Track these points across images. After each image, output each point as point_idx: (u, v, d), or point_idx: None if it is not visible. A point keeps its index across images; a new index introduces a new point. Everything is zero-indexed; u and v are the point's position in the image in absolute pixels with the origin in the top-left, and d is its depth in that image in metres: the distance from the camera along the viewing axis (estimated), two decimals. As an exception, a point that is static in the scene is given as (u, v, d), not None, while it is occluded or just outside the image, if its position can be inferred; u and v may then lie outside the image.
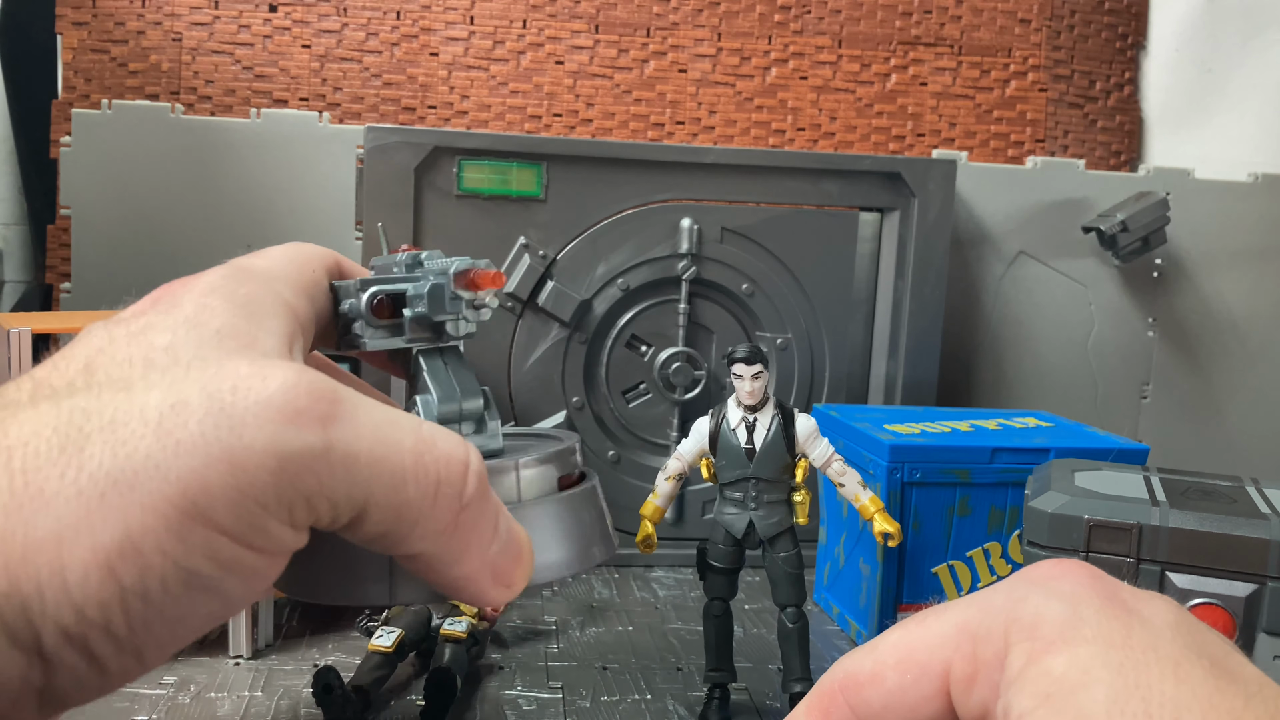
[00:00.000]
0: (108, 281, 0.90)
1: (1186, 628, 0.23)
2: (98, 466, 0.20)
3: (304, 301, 0.28)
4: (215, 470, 0.20)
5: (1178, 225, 0.97)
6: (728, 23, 1.10)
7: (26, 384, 0.23)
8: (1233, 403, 1.05)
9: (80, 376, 0.23)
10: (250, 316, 0.25)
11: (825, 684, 0.26)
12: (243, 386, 0.21)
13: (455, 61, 1.06)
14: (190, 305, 0.25)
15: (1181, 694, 0.21)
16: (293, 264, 0.29)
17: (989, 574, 0.68)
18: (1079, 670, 0.21)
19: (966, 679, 0.23)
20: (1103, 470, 0.56)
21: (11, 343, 0.59)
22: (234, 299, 0.25)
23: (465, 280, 0.29)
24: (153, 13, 1.02)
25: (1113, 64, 1.17)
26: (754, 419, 0.56)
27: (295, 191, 0.93)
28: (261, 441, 0.21)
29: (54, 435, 0.20)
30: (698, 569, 0.59)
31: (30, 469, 0.20)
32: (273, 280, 0.27)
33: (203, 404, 0.21)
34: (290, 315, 0.27)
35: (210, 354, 0.23)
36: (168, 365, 0.22)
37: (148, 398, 0.21)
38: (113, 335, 0.24)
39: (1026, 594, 0.24)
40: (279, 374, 0.22)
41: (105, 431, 0.20)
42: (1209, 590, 0.48)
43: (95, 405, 0.21)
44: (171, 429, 0.21)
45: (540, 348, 0.84)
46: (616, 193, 0.83)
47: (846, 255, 0.88)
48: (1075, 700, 0.21)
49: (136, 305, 0.26)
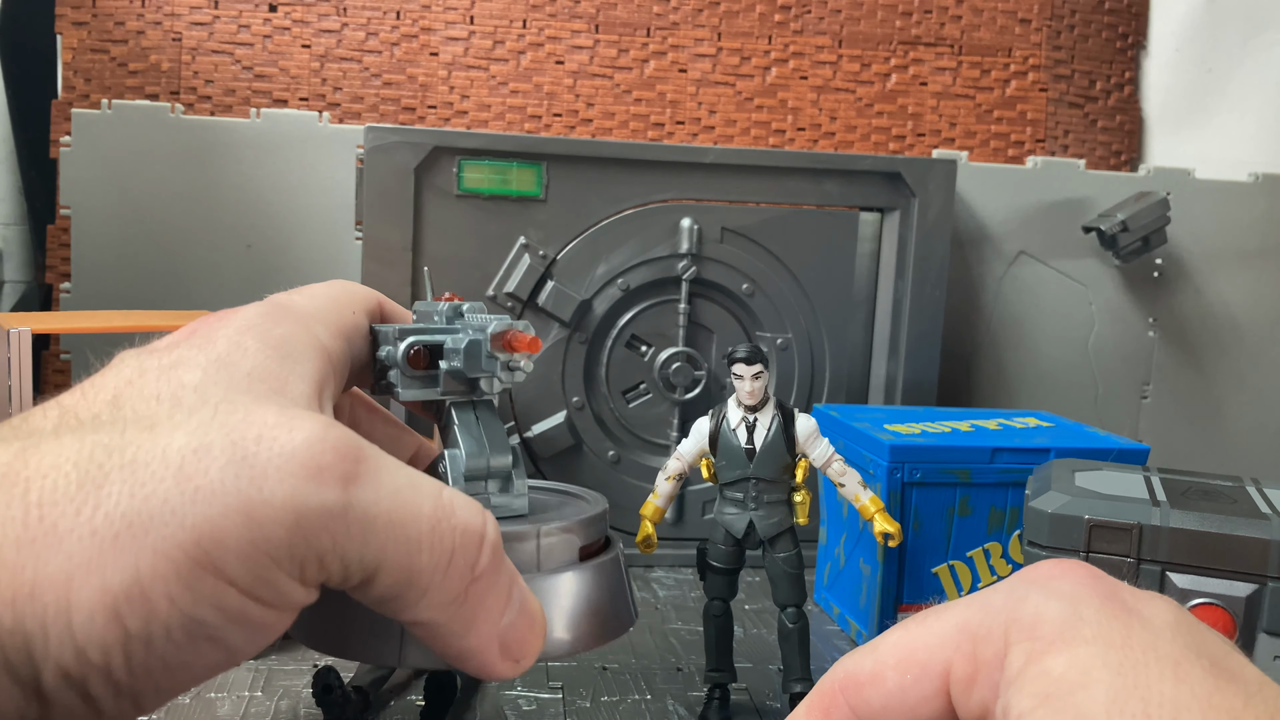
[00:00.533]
0: (108, 281, 0.90)
1: (1186, 628, 0.23)
2: (114, 506, 0.20)
3: (340, 343, 0.28)
4: (231, 521, 0.20)
5: (1178, 225, 0.97)
6: (728, 23, 1.10)
7: (53, 411, 0.23)
8: (1233, 403, 1.05)
9: (107, 409, 0.23)
10: (283, 359, 0.25)
11: (826, 684, 0.26)
12: (268, 436, 0.21)
13: (455, 61, 1.06)
14: (223, 343, 0.24)
15: (1181, 694, 0.21)
16: (332, 304, 0.29)
17: (989, 574, 0.68)
18: (1078, 670, 0.21)
19: (967, 679, 0.24)
20: (1103, 470, 0.56)
21: (11, 343, 0.59)
22: (268, 339, 0.25)
23: (502, 341, 0.29)
24: (152, 12, 1.02)
25: (1113, 64, 1.17)
26: (754, 419, 0.56)
27: (295, 191, 0.93)
28: (280, 496, 0.21)
29: (73, 470, 0.20)
30: (698, 569, 0.59)
31: (46, 503, 0.20)
32: (310, 320, 0.27)
33: (225, 451, 0.21)
34: (324, 359, 0.26)
35: (239, 397, 0.23)
36: (195, 406, 0.22)
37: (171, 439, 0.21)
38: (143, 367, 0.24)
39: (1026, 594, 0.24)
40: (305, 426, 0.22)
41: (125, 470, 0.20)
42: (1209, 590, 0.48)
43: (118, 442, 0.21)
44: (192, 474, 0.20)
45: (540, 348, 0.83)
46: (616, 193, 0.83)
47: (846, 255, 0.88)
48: (1074, 700, 0.21)
49: (172, 336, 0.26)
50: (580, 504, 0.32)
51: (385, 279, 0.80)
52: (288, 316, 0.27)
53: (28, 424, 0.23)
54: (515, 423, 0.84)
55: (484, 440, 0.29)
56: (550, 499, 0.33)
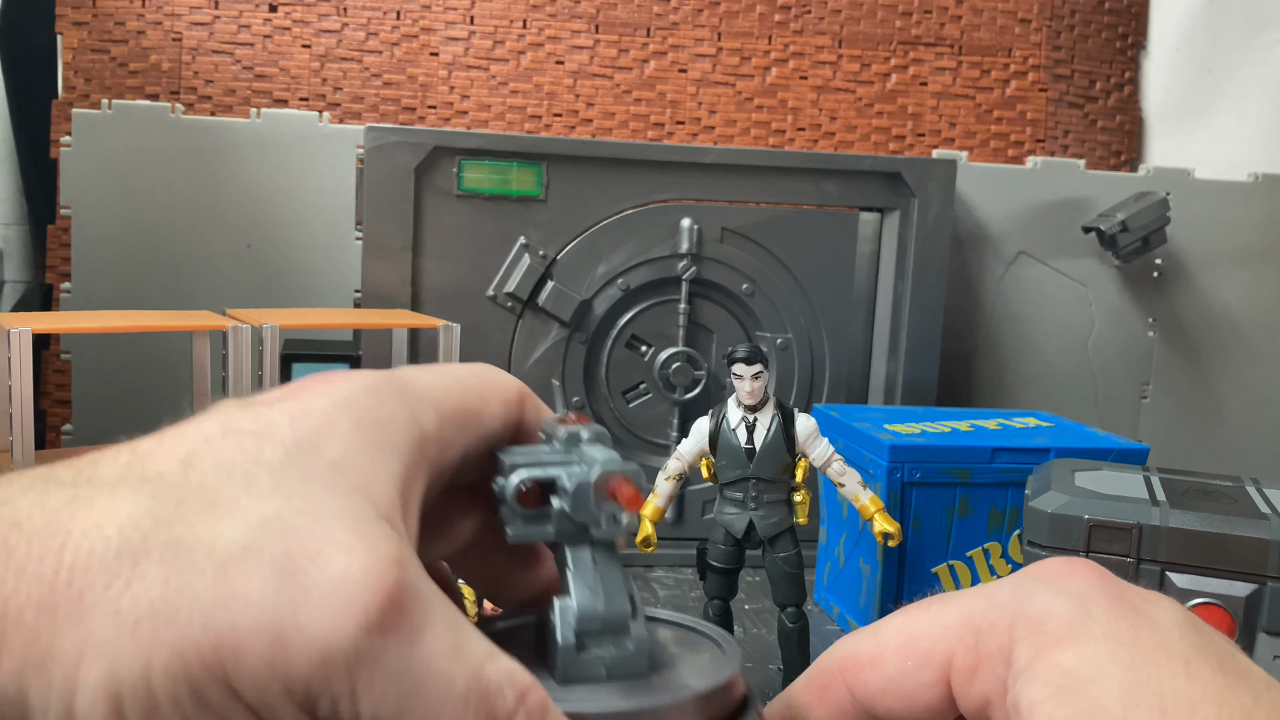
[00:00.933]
0: (108, 281, 0.90)
1: (1192, 628, 0.23)
2: (144, 589, 0.19)
3: (451, 432, 0.26)
4: (256, 638, 0.19)
5: (1178, 225, 0.97)
6: (728, 23, 1.10)
7: (124, 457, 0.22)
8: (1233, 403, 1.05)
9: (176, 468, 0.21)
10: (376, 448, 0.23)
11: (825, 662, 0.26)
12: (325, 556, 0.20)
13: (455, 61, 1.06)
14: (317, 417, 0.23)
15: (1193, 690, 0.21)
16: (458, 386, 0.27)
17: (989, 574, 0.68)
18: (1089, 665, 0.21)
19: (968, 670, 0.24)
20: (1103, 470, 0.56)
21: (12, 343, 0.59)
22: (364, 422, 0.23)
23: (605, 489, 0.26)
24: (153, 13, 1.02)
25: (1113, 64, 1.17)
26: (754, 419, 0.56)
27: (295, 191, 0.93)
28: (314, 628, 0.19)
29: (116, 536, 0.19)
30: (698, 569, 0.59)
31: (79, 567, 0.19)
32: (422, 403, 0.25)
33: (275, 561, 0.20)
34: (421, 453, 0.24)
35: (314, 494, 0.21)
36: (265, 493, 0.21)
37: (225, 529, 0.20)
38: (228, 426, 0.22)
39: (1033, 590, 0.24)
40: (367, 556, 0.20)
41: (167, 550, 0.19)
42: (1209, 590, 0.48)
43: (170, 514, 0.20)
44: (232, 576, 0.19)
45: (540, 348, 0.84)
46: (616, 193, 0.83)
47: (846, 255, 0.88)
48: (1089, 693, 0.21)
49: (274, 392, 0.24)
50: (709, 654, 0.28)
51: (385, 279, 0.80)
52: (397, 395, 0.24)
53: (95, 468, 0.22)
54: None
55: (599, 588, 0.27)
56: (673, 642, 0.29)
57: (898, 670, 0.25)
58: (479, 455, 0.27)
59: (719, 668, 0.27)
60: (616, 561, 0.27)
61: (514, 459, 0.27)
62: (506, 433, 0.28)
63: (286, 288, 0.93)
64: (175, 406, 0.46)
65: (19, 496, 0.20)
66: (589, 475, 0.26)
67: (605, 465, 0.26)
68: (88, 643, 0.19)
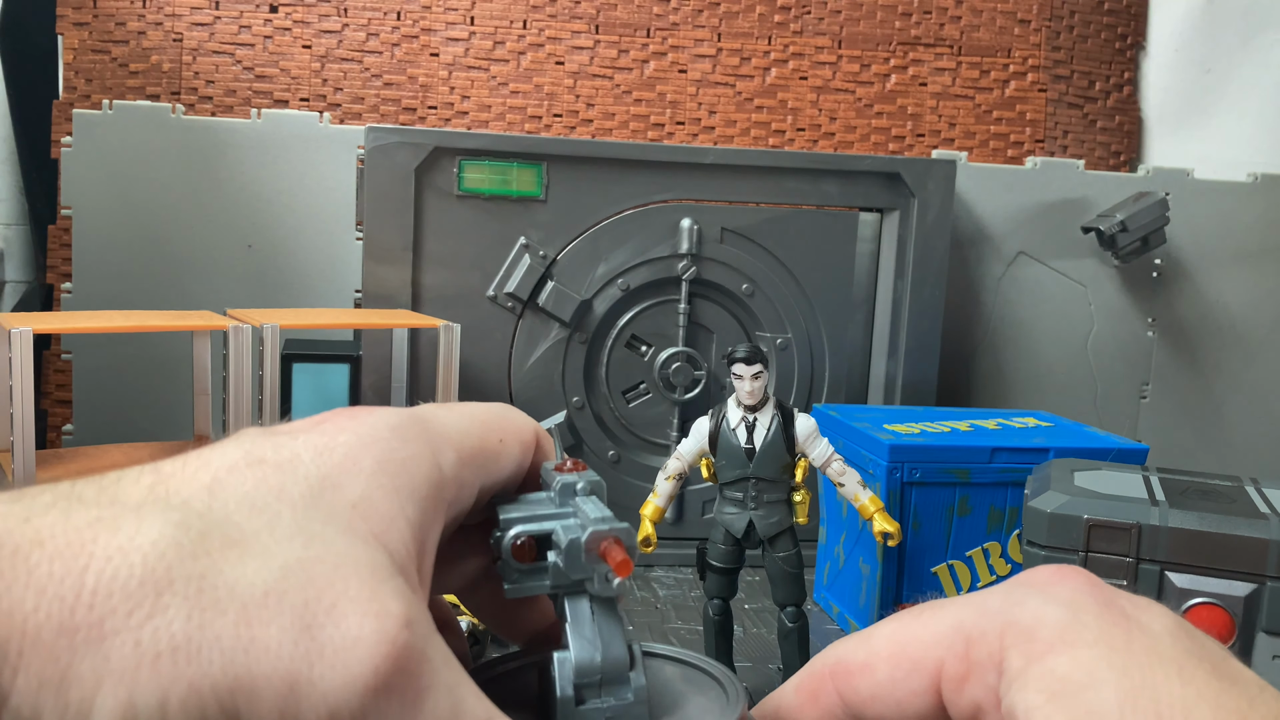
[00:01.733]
0: (109, 281, 0.90)
1: (1184, 633, 0.23)
2: (167, 623, 0.19)
3: (470, 473, 0.26)
4: (271, 684, 0.19)
5: (1177, 225, 0.97)
6: (728, 23, 1.10)
7: (148, 478, 0.22)
8: (1232, 403, 1.05)
9: (201, 495, 0.21)
10: (396, 491, 0.23)
11: (816, 666, 0.26)
12: (340, 611, 0.20)
13: (456, 62, 1.06)
14: (341, 454, 0.23)
15: (1189, 694, 0.21)
16: (477, 426, 0.27)
17: (989, 574, 0.68)
18: (1084, 671, 0.22)
19: (959, 678, 0.24)
20: (1102, 470, 0.56)
21: (13, 343, 0.60)
22: (386, 463, 0.24)
23: (596, 551, 0.26)
24: (153, 13, 1.02)
25: (1112, 64, 1.17)
26: (754, 419, 0.56)
27: (296, 192, 0.93)
28: (327, 685, 0.20)
29: (140, 563, 0.19)
30: (697, 569, 0.59)
31: (102, 594, 0.19)
32: (443, 444, 0.25)
33: (294, 610, 0.20)
34: (438, 496, 0.25)
35: (334, 541, 0.21)
36: (286, 534, 0.21)
37: (247, 570, 0.20)
38: (253, 455, 0.23)
39: (1024, 598, 0.24)
40: (379, 617, 0.21)
41: (190, 585, 0.19)
42: (1208, 590, 0.49)
43: (194, 547, 0.20)
44: (254, 622, 0.20)
45: (540, 348, 0.84)
46: (616, 193, 0.83)
47: (846, 255, 0.88)
48: (1085, 698, 0.21)
49: (299, 423, 0.24)
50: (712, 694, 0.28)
51: (385, 279, 0.81)
52: (420, 436, 0.25)
53: (117, 488, 0.22)
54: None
55: (597, 640, 0.27)
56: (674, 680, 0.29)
57: (888, 677, 0.25)
58: (492, 493, 0.28)
59: (723, 710, 0.27)
60: (615, 611, 0.28)
61: (510, 514, 0.28)
62: (521, 473, 0.29)
63: (287, 288, 0.93)
64: (176, 407, 0.46)
65: (42, 514, 0.20)
66: (580, 535, 0.27)
67: (595, 526, 0.27)
68: (106, 670, 0.19)
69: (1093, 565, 0.50)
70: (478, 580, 0.30)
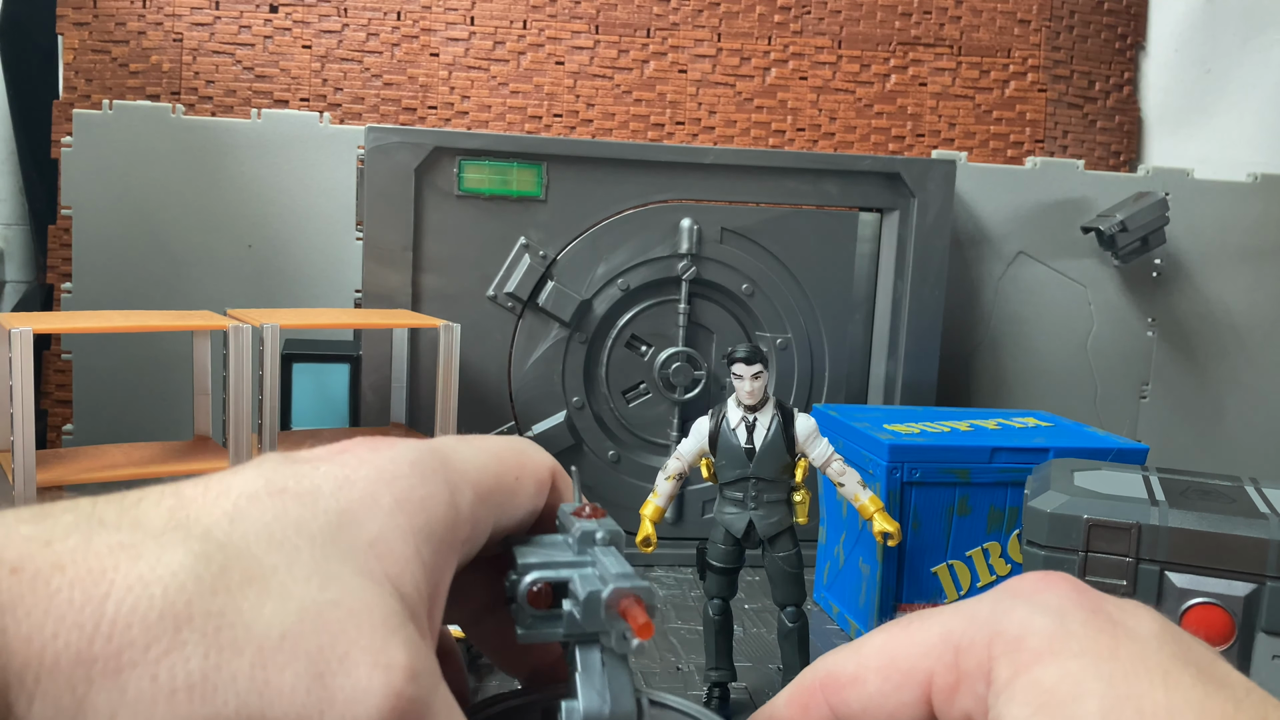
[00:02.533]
0: (109, 282, 0.90)
1: (1172, 637, 0.23)
2: (183, 662, 0.19)
3: (485, 510, 0.26)
4: None
5: (1177, 225, 0.97)
6: (728, 23, 1.10)
7: (168, 502, 0.22)
8: (1232, 403, 1.05)
9: (221, 526, 0.21)
10: (413, 533, 0.23)
11: (807, 679, 0.26)
12: (351, 661, 0.20)
13: (456, 62, 1.06)
14: (361, 489, 0.23)
15: (1174, 701, 0.21)
16: (495, 463, 0.27)
17: (988, 574, 0.68)
18: (1071, 682, 0.22)
19: (949, 688, 0.24)
20: (1102, 470, 0.56)
21: (13, 343, 0.60)
22: (405, 502, 0.24)
23: (617, 609, 0.26)
24: (153, 13, 1.02)
25: (1112, 64, 1.17)
26: (754, 419, 0.56)
27: (296, 192, 0.93)
28: None
29: (160, 596, 0.19)
30: (697, 569, 0.59)
31: (121, 625, 0.19)
32: (461, 482, 0.25)
33: (308, 657, 0.20)
34: (453, 535, 0.25)
35: (350, 584, 0.22)
36: (304, 575, 0.21)
37: (265, 610, 0.20)
38: (273, 484, 0.23)
39: (1011, 607, 0.24)
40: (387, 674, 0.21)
41: (209, 623, 0.19)
42: (1208, 590, 0.49)
43: (214, 582, 0.20)
44: (266, 664, 0.20)
45: (540, 348, 0.84)
46: (616, 193, 0.83)
47: (846, 255, 0.88)
48: (1070, 710, 0.21)
49: (320, 451, 0.25)
50: None
51: (385, 279, 0.81)
52: (438, 473, 0.25)
53: (138, 509, 0.22)
54: (515, 422, 0.84)
55: (606, 692, 0.27)
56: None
57: (879, 690, 0.25)
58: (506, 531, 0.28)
59: None
60: (625, 663, 0.28)
61: (527, 558, 0.27)
62: (536, 513, 0.29)
63: (287, 288, 0.93)
64: (176, 407, 0.46)
65: (64, 537, 0.20)
66: (601, 589, 0.26)
67: (617, 582, 0.26)
68: (122, 703, 0.19)
69: (1092, 565, 0.50)
70: (483, 614, 0.30)
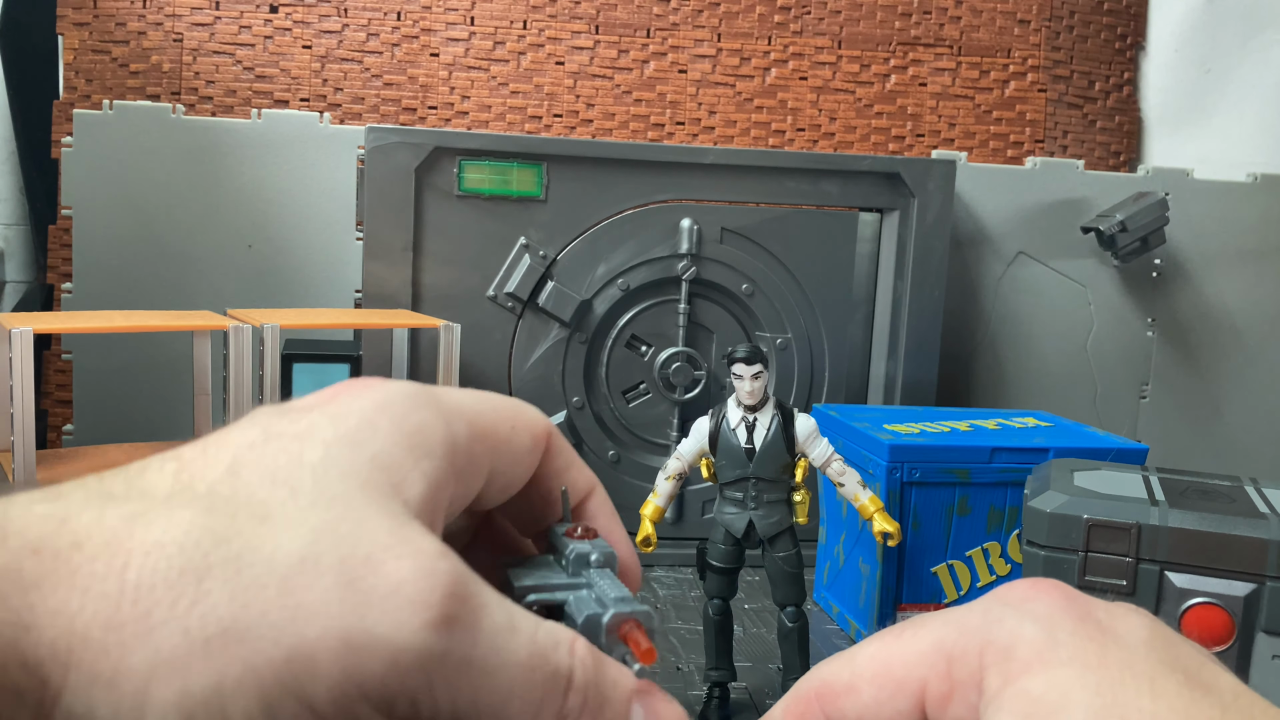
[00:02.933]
0: (109, 281, 0.90)
1: (1161, 643, 0.23)
2: (211, 608, 0.19)
3: (481, 448, 0.26)
4: (327, 646, 0.19)
5: (1177, 225, 0.97)
6: (728, 23, 1.10)
7: (170, 466, 0.22)
8: (1232, 403, 1.05)
9: (224, 479, 0.22)
10: (410, 450, 0.24)
11: (802, 688, 0.26)
12: (377, 559, 0.20)
13: (456, 62, 1.06)
14: (355, 418, 0.23)
15: (1159, 708, 0.21)
16: (489, 409, 0.27)
17: (988, 574, 0.68)
18: (1057, 692, 0.22)
19: (942, 697, 0.24)
20: (1102, 470, 0.56)
21: (13, 343, 0.60)
22: (402, 424, 0.24)
23: (618, 634, 0.26)
24: (154, 13, 1.02)
25: (1112, 64, 1.17)
26: (754, 419, 0.56)
27: (296, 192, 0.93)
28: (382, 630, 0.20)
29: (178, 554, 0.19)
30: (697, 569, 0.59)
31: (144, 586, 0.19)
32: (454, 416, 0.25)
33: (333, 569, 0.20)
34: (451, 460, 0.25)
35: (354, 496, 0.22)
36: (310, 501, 0.21)
37: (280, 541, 0.20)
38: (271, 431, 0.23)
39: (1002, 616, 0.24)
40: (415, 555, 0.21)
41: (229, 567, 0.20)
42: (1208, 590, 0.49)
43: (226, 530, 0.20)
44: (296, 588, 0.20)
45: (540, 348, 0.84)
46: (616, 193, 0.83)
47: (846, 255, 0.88)
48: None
49: (312, 397, 0.25)
50: None
51: (386, 279, 0.81)
52: (430, 405, 0.25)
53: (143, 479, 0.22)
54: (515, 423, 0.84)
55: None
56: None
57: (873, 699, 0.25)
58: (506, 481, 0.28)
59: None
60: None
61: (522, 580, 0.27)
62: (529, 472, 0.28)
63: (287, 288, 0.93)
64: (176, 407, 0.46)
65: (77, 515, 0.20)
66: (601, 612, 0.26)
67: (617, 607, 0.26)
68: (158, 660, 0.19)
69: (1092, 565, 0.50)
70: None
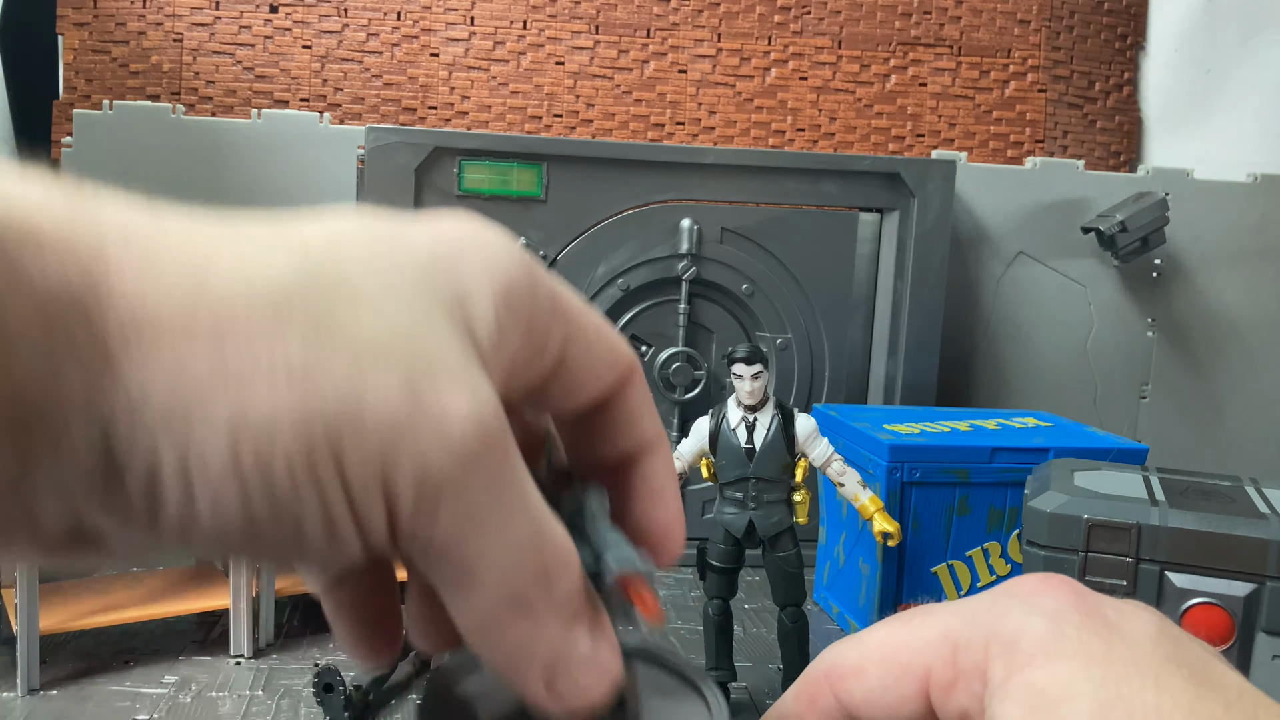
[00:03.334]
0: (109, 282, 0.90)
1: (1167, 639, 0.23)
2: (284, 347, 0.19)
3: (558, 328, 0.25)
4: (378, 419, 0.20)
5: (1177, 225, 0.97)
6: (728, 23, 1.10)
7: (266, 225, 0.22)
8: (1232, 403, 1.05)
9: (325, 249, 0.22)
10: (493, 295, 0.24)
11: (813, 671, 0.27)
12: (441, 387, 0.21)
13: (456, 62, 1.06)
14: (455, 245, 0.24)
15: (1163, 703, 0.21)
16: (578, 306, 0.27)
17: (989, 574, 0.68)
18: (1062, 684, 0.22)
19: (946, 684, 0.24)
20: (1102, 470, 0.56)
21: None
22: (494, 265, 0.24)
23: (623, 592, 0.25)
24: (154, 13, 1.02)
25: (1112, 64, 1.17)
26: (754, 419, 0.56)
27: (296, 192, 0.93)
28: (425, 440, 0.20)
29: (265, 289, 0.20)
30: (698, 568, 0.59)
31: (225, 304, 0.19)
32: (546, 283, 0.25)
33: (401, 370, 0.21)
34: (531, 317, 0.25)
35: (439, 324, 0.22)
36: (398, 303, 0.22)
37: (361, 322, 0.21)
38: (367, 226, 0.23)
39: (1008, 608, 0.24)
40: (474, 400, 0.21)
41: (308, 320, 0.20)
42: (1208, 590, 0.49)
43: (315, 289, 0.20)
44: (364, 367, 0.20)
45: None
46: (616, 193, 0.83)
47: (846, 255, 0.88)
48: (1060, 712, 0.22)
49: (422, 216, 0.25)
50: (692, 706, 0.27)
51: (386, 279, 0.81)
52: (529, 264, 0.25)
53: (238, 224, 0.22)
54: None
55: None
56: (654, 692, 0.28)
57: (880, 682, 0.25)
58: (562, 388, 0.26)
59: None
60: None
61: None
62: (600, 384, 0.27)
63: (287, 288, 0.93)
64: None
65: (171, 220, 0.20)
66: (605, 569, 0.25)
67: (621, 564, 0.25)
68: (223, 373, 0.19)
69: (1092, 565, 0.50)
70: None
